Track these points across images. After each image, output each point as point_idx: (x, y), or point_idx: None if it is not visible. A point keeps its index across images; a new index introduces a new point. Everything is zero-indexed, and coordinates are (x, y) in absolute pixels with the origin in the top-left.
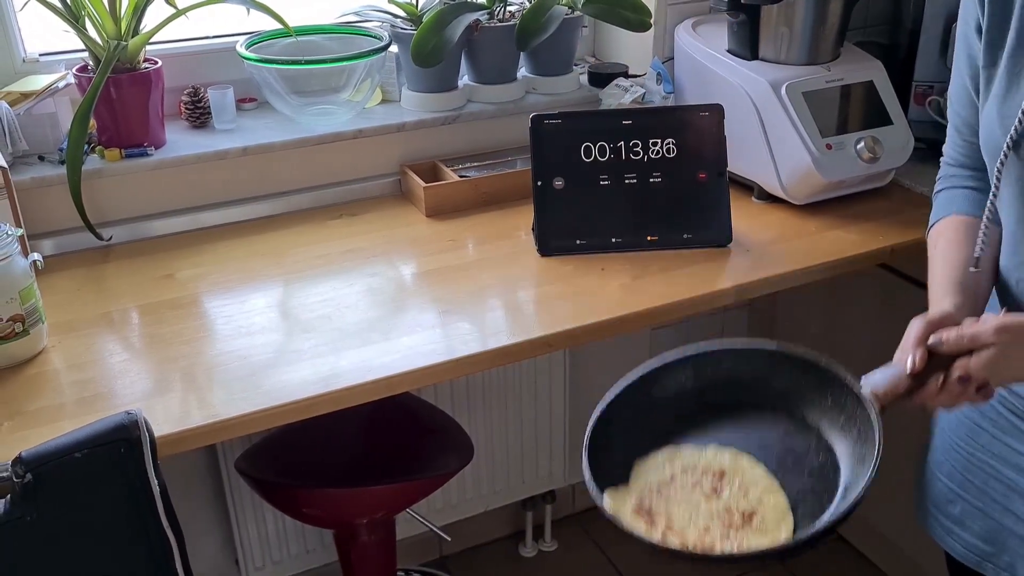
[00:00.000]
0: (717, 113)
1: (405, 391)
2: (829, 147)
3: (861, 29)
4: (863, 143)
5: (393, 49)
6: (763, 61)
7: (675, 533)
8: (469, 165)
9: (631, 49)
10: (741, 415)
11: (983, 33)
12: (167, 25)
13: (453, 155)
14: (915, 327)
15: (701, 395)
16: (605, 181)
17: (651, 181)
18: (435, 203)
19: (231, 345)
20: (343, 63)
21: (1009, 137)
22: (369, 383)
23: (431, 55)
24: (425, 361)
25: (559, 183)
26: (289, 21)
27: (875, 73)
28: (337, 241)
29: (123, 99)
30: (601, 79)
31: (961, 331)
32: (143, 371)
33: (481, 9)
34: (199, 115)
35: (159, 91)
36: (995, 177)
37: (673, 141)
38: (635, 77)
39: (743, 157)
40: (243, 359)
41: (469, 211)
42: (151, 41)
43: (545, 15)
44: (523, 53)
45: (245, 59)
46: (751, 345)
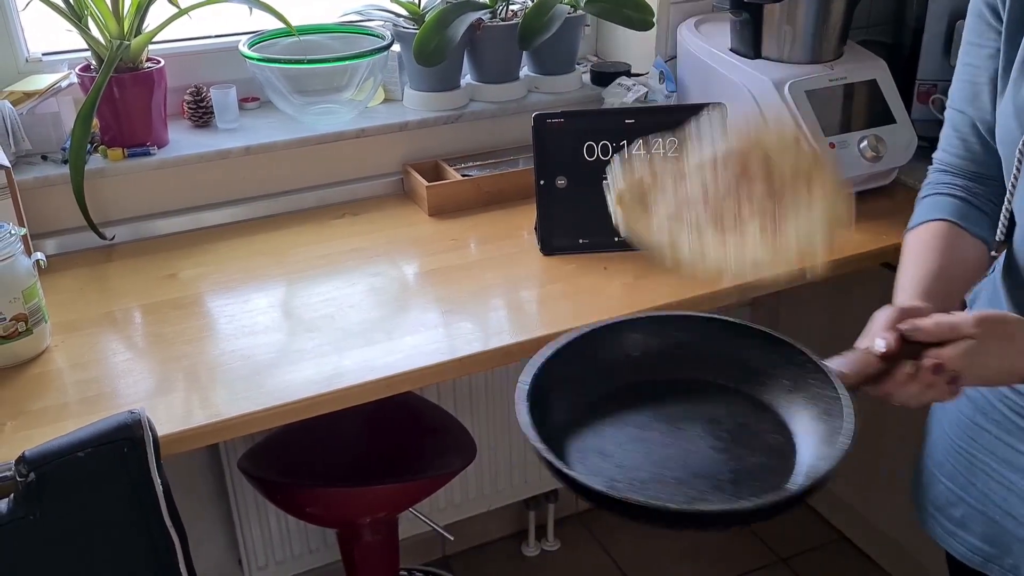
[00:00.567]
0: (720, 112)
1: (408, 390)
2: (832, 146)
3: (864, 28)
4: (866, 142)
5: (395, 48)
6: (766, 60)
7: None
8: (471, 164)
9: (634, 48)
10: (691, 389)
11: (1003, 27)
12: (170, 24)
13: (455, 154)
14: (884, 313)
15: (650, 365)
16: (608, 180)
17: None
18: (438, 202)
19: (234, 344)
20: (345, 62)
21: None
22: (372, 382)
23: (433, 54)
24: (428, 361)
25: (562, 182)
26: (292, 20)
27: (878, 72)
28: (340, 240)
29: (126, 98)
30: (604, 78)
31: (939, 319)
32: (146, 370)
33: (483, 8)
34: (202, 114)
35: (162, 90)
36: (1012, 174)
37: (676, 140)
38: (638, 76)
39: None
40: (246, 358)
41: (472, 210)
42: (154, 40)
43: (547, 14)
44: (525, 52)
45: (248, 58)
46: (708, 314)
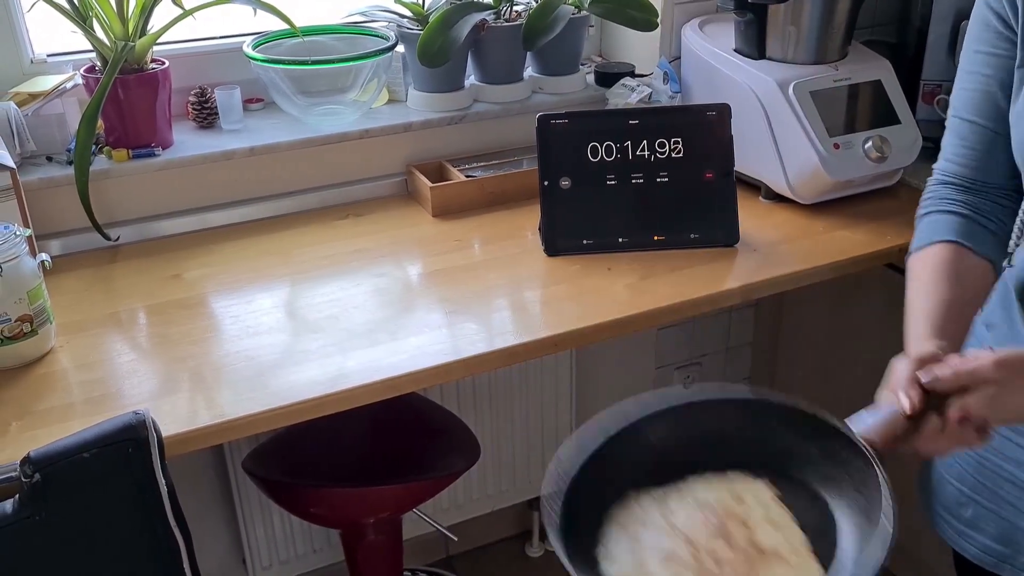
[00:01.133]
0: (724, 113)
1: (412, 391)
2: (837, 146)
3: (869, 28)
4: (871, 142)
5: (399, 49)
6: (770, 60)
7: None
8: (475, 165)
9: (638, 48)
10: (718, 473)
11: (1019, 31)
12: (174, 26)
13: (459, 155)
14: (902, 366)
15: (670, 453)
16: (612, 181)
17: (658, 181)
18: (441, 203)
19: (238, 345)
20: (350, 63)
21: None
22: (376, 383)
23: (437, 55)
24: (432, 361)
25: (566, 183)
26: (296, 21)
27: (883, 72)
28: (344, 241)
29: (130, 100)
30: (608, 79)
31: (958, 367)
32: (151, 371)
33: (487, 9)
34: (206, 115)
35: (166, 92)
36: None
37: (680, 141)
38: (642, 77)
39: (750, 157)
40: (250, 359)
41: (475, 211)
42: (158, 42)
43: (551, 14)
44: (529, 53)
45: (252, 59)
46: (726, 394)
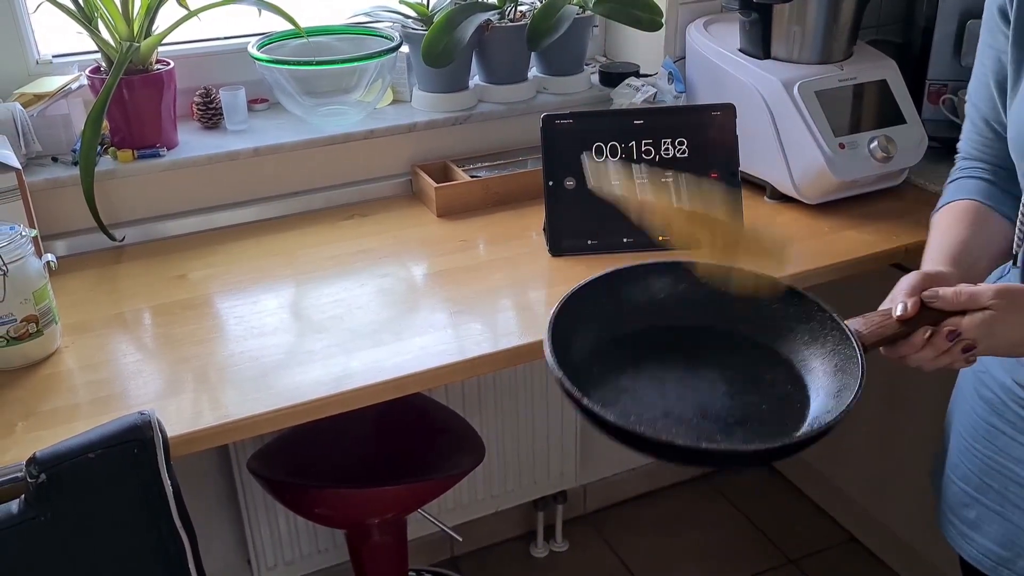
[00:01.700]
0: (729, 113)
1: (416, 391)
2: (842, 146)
3: (874, 28)
4: (876, 142)
5: (404, 49)
6: (775, 60)
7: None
8: (480, 165)
9: (642, 48)
10: (712, 335)
11: (1012, 28)
12: (179, 26)
13: (464, 155)
14: (908, 278)
15: (674, 309)
16: (616, 181)
17: (663, 181)
18: (446, 203)
19: (243, 346)
20: (354, 64)
21: None
22: (380, 384)
23: (442, 55)
24: (437, 362)
25: (570, 183)
26: (300, 22)
27: (888, 72)
28: (348, 242)
29: (136, 100)
30: (612, 79)
31: (959, 288)
32: (156, 371)
33: (492, 9)
34: (211, 116)
35: (171, 92)
36: None
37: (685, 141)
38: (646, 77)
39: (755, 157)
40: (255, 359)
41: (480, 211)
42: (163, 42)
43: (556, 15)
44: (534, 53)
45: (257, 60)
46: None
